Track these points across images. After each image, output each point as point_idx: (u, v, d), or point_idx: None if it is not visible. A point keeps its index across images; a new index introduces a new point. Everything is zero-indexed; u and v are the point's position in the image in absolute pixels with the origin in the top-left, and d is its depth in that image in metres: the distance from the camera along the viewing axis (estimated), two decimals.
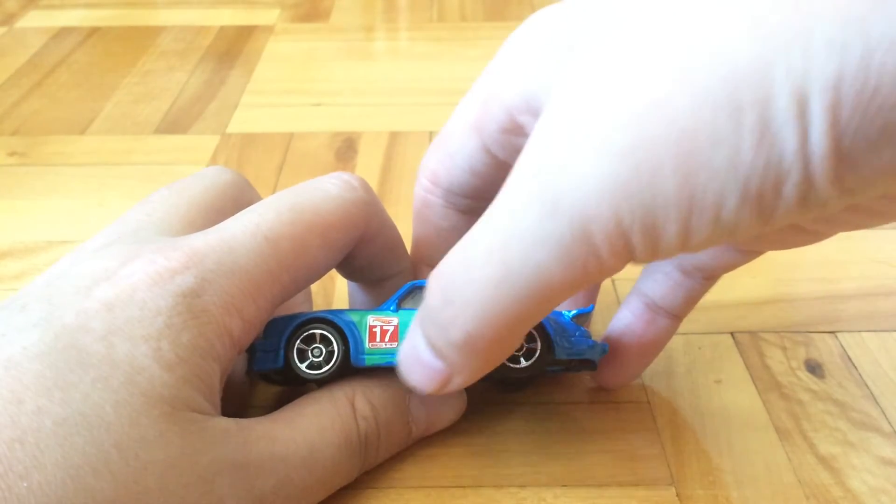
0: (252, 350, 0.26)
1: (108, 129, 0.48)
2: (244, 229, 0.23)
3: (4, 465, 0.18)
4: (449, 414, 0.27)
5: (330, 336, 0.25)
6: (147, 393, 0.20)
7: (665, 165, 0.17)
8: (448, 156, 0.26)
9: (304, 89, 0.53)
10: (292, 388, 0.28)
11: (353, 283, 0.30)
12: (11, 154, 0.45)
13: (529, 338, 0.25)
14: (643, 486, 0.26)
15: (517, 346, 0.23)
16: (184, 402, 0.21)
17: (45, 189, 0.42)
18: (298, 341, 0.25)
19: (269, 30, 0.62)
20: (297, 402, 0.25)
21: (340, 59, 0.57)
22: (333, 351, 0.25)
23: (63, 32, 0.61)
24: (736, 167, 0.16)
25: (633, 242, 0.18)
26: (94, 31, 0.62)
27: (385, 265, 0.28)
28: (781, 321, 0.33)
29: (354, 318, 0.25)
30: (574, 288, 0.19)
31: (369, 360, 0.25)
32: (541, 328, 0.25)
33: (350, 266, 0.27)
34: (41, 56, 0.58)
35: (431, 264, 0.27)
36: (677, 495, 0.26)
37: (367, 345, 0.25)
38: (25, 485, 0.18)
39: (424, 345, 0.22)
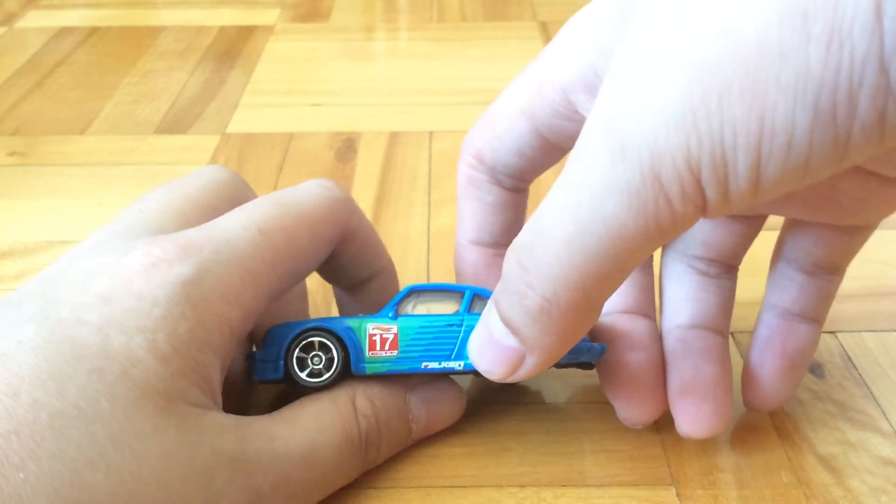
0: (251, 359, 0.26)
1: (108, 129, 0.48)
2: (238, 223, 0.23)
3: (0, 456, 0.18)
4: (448, 414, 0.27)
5: (329, 344, 0.25)
6: (142, 386, 0.20)
7: (733, 87, 0.16)
8: (495, 137, 0.26)
9: (304, 89, 0.53)
10: (293, 387, 0.28)
11: (338, 290, 0.30)
12: (11, 154, 0.45)
13: None
14: (643, 486, 0.26)
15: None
16: (179, 395, 0.21)
17: (45, 189, 0.42)
18: (298, 350, 0.25)
19: (269, 30, 0.62)
20: (297, 402, 0.25)
21: (340, 59, 0.57)
22: (333, 359, 0.25)
23: (63, 32, 0.61)
24: (805, 79, 0.15)
25: (703, 181, 0.17)
26: (93, 31, 0.62)
27: (368, 262, 0.28)
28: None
29: (353, 324, 0.25)
30: (651, 242, 0.18)
31: (370, 369, 0.25)
32: None
33: (334, 265, 0.28)
34: (41, 56, 0.58)
35: (478, 240, 0.28)
36: (677, 495, 0.26)
37: (367, 353, 0.25)
38: (21, 476, 0.18)
39: (498, 323, 0.22)
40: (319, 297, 0.34)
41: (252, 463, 0.22)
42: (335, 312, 0.31)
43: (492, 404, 0.29)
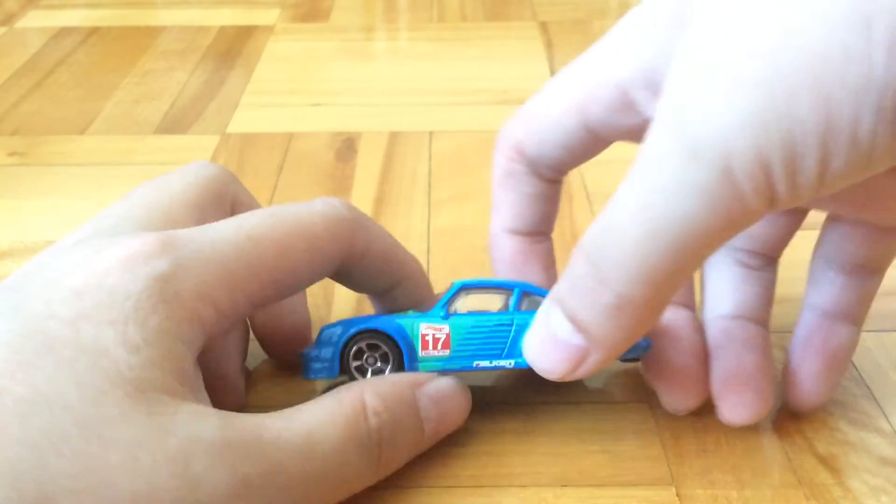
0: (305, 358, 0.27)
1: (108, 129, 0.48)
2: (228, 228, 0.24)
3: None
4: (458, 410, 0.27)
5: (383, 345, 0.26)
6: (111, 375, 0.20)
7: (801, 90, 0.17)
8: (540, 130, 0.26)
9: (304, 89, 0.53)
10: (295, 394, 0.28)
11: (375, 303, 0.30)
12: (11, 154, 0.45)
13: None
14: (643, 485, 0.26)
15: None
16: (150, 383, 0.21)
17: (45, 189, 0.42)
18: (353, 351, 0.26)
19: (269, 30, 0.62)
20: (302, 404, 0.24)
21: (340, 59, 0.57)
22: (388, 358, 0.26)
23: (63, 32, 0.61)
24: (869, 81, 0.17)
25: (774, 177, 0.18)
26: (94, 31, 0.62)
27: (385, 276, 0.28)
28: (782, 321, 0.33)
29: (405, 324, 0.26)
30: (721, 237, 0.20)
31: (423, 367, 0.26)
32: None
33: (352, 281, 0.28)
34: (41, 56, 0.58)
35: (514, 229, 0.28)
36: (677, 495, 0.26)
37: (420, 353, 0.26)
38: None
39: (563, 321, 0.22)
40: (320, 298, 0.34)
41: (236, 450, 0.21)
42: (335, 313, 0.31)
43: (492, 404, 0.29)
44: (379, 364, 0.26)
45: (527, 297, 0.27)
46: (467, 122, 0.48)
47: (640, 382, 0.30)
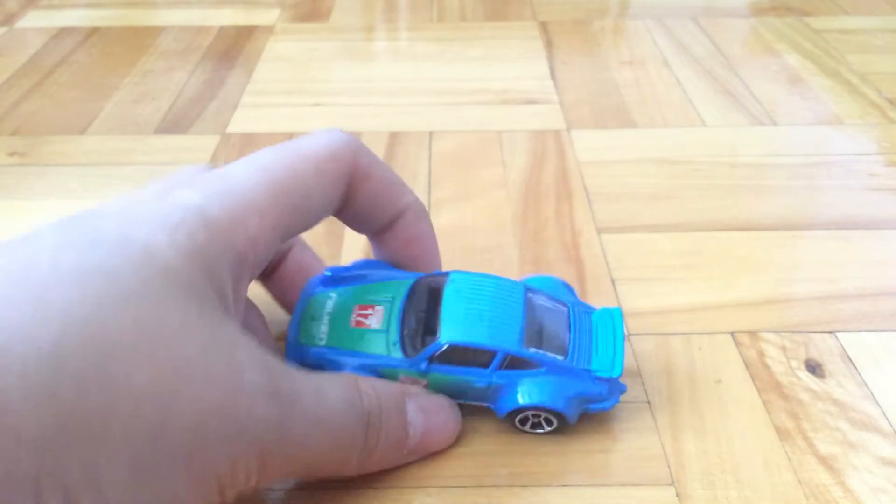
0: None
1: (109, 130, 0.48)
2: (238, 166, 0.24)
3: (20, 300, 0.18)
4: (444, 428, 0.27)
5: None
6: (163, 272, 0.20)
7: None
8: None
9: (304, 89, 0.53)
10: None
11: (374, 244, 0.30)
12: (12, 154, 0.45)
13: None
14: (643, 485, 0.26)
15: None
16: (199, 292, 0.21)
17: (45, 189, 0.42)
18: None
19: (268, 30, 0.62)
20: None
21: (340, 59, 0.57)
22: None
23: (63, 32, 0.61)
24: None
25: None
26: (94, 32, 0.62)
27: (389, 200, 0.28)
28: (781, 321, 0.33)
29: (386, 374, 0.26)
30: None
31: None
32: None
33: (354, 209, 0.27)
34: (41, 56, 0.58)
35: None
36: (677, 495, 0.26)
37: None
38: (43, 311, 0.18)
39: None
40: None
41: (271, 366, 0.22)
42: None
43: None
44: None
45: (514, 358, 0.26)
46: (467, 122, 0.48)
47: (642, 382, 0.30)
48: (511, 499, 0.25)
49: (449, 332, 0.26)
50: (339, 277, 0.28)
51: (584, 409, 0.27)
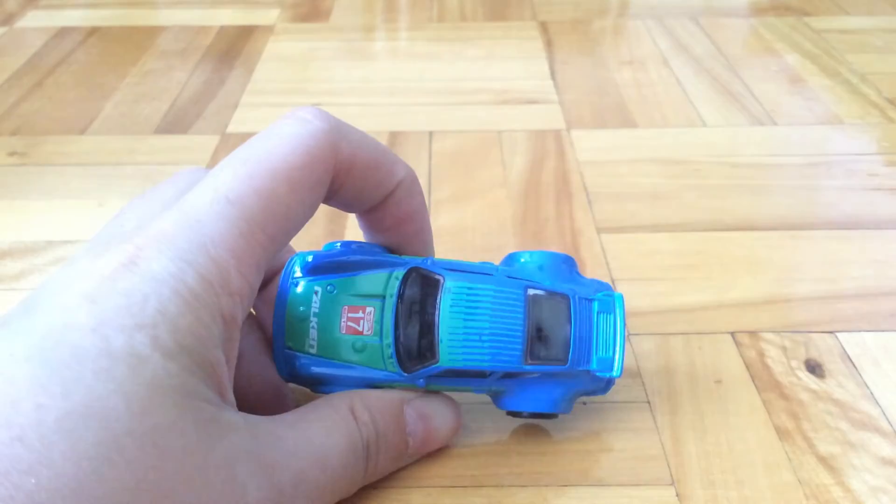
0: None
1: (109, 129, 0.48)
2: (204, 198, 0.22)
3: (6, 463, 0.18)
4: (445, 430, 0.27)
5: None
6: (153, 384, 0.19)
7: None
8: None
9: (304, 89, 0.53)
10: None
11: (363, 222, 0.27)
12: (12, 154, 0.45)
13: None
14: (643, 485, 0.26)
15: None
16: (190, 391, 0.20)
17: (46, 189, 0.42)
18: None
19: (268, 30, 0.62)
20: (296, 410, 0.24)
21: (340, 59, 0.57)
22: None
23: (63, 32, 0.61)
24: None
25: None
26: (94, 31, 0.62)
27: (375, 186, 0.25)
28: (781, 321, 0.33)
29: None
30: None
31: None
32: None
33: (343, 200, 0.25)
34: (41, 56, 0.58)
35: None
36: (677, 495, 0.26)
37: None
38: (33, 481, 0.18)
39: None
40: None
41: (269, 459, 0.21)
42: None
43: (491, 405, 0.29)
44: None
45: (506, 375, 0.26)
46: (467, 121, 0.48)
47: (642, 382, 0.30)
48: (510, 499, 0.25)
49: (448, 356, 0.25)
50: (321, 265, 0.26)
51: (581, 400, 0.27)
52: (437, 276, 0.26)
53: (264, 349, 0.27)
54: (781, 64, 0.56)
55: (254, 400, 0.25)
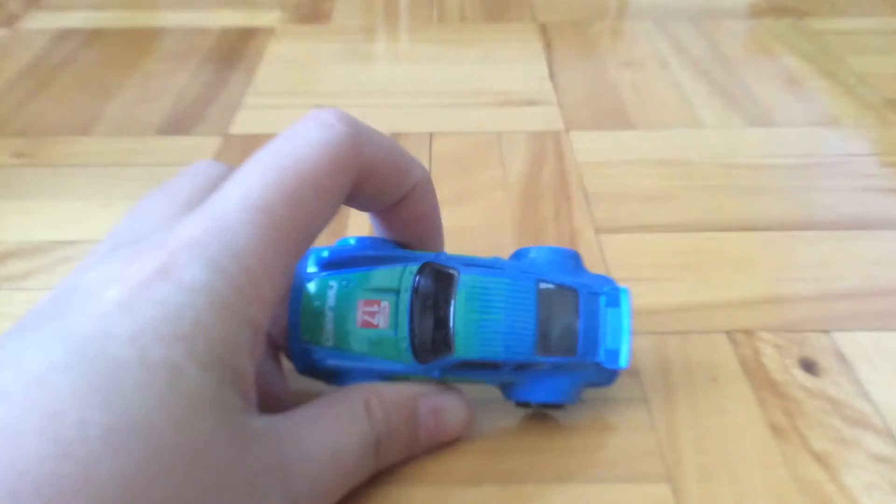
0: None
1: (112, 130, 0.48)
2: (234, 205, 0.22)
3: (56, 484, 0.17)
4: (456, 423, 0.27)
5: None
6: (191, 396, 0.19)
7: None
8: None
9: (306, 90, 0.53)
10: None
11: (376, 221, 0.28)
12: (17, 155, 0.46)
13: None
14: (639, 481, 0.26)
15: None
16: (226, 403, 0.20)
17: (51, 189, 0.42)
18: None
19: (270, 31, 0.62)
20: (314, 403, 0.24)
21: (341, 60, 0.58)
22: None
23: (65, 34, 0.62)
24: None
25: None
26: (96, 33, 0.62)
27: (394, 188, 0.26)
28: (776, 320, 0.33)
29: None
30: None
31: None
32: None
33: (362, 200, 0.26)
34: (44, 57, 0.58)
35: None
36: (673, 491, 0.26)
37: None
38: (83, 500, 0.17)
39: None
40: None
41: (289, 468, 0.22)
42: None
43: (491, 402, 0.29)
44: None
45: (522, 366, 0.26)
46: (467, 123, 0.48)
47: (637, 379, 0.30)
48: (508, 495, 0.26)
49: (464, 348, 0.25)
50: (335, 261, 0.27)
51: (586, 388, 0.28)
52: (450, 271, 0.26)
53: (265, 347, 0.27)
54: (780, 65, 0.56)
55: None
